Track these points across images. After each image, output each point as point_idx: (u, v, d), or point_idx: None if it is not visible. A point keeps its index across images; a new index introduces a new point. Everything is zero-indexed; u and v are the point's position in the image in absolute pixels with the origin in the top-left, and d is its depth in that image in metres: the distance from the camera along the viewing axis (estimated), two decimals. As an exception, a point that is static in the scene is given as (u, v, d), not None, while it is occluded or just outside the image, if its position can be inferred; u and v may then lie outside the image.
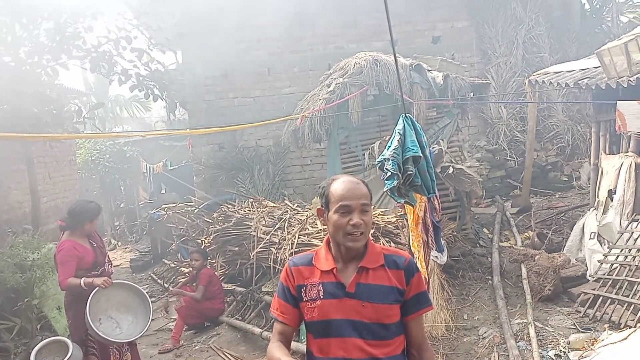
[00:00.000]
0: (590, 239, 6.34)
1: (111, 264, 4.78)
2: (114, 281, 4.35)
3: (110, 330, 4.40)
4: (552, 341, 4.84)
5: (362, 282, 1.97)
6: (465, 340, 5.13)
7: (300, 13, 9.43)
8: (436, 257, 4.89)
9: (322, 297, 1.98)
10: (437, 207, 4.77)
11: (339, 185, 1.99)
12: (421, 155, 3.62)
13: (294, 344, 4.90)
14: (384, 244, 5.11)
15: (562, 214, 8.32)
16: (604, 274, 5.52)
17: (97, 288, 4.18)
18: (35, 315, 5.96)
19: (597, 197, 6.54)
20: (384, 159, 3.59)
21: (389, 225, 5.53)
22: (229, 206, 7.91)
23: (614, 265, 5.52)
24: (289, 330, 2.09)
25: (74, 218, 4.38)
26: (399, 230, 5.50)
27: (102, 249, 4.58)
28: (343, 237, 1.96)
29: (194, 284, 6.59)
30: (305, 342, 2.14)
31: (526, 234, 7.81)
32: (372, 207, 2.07)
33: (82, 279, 4.20)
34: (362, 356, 1.94)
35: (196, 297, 6.30)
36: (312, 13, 9.53)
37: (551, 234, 7.37)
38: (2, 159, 8.11)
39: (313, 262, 2.05)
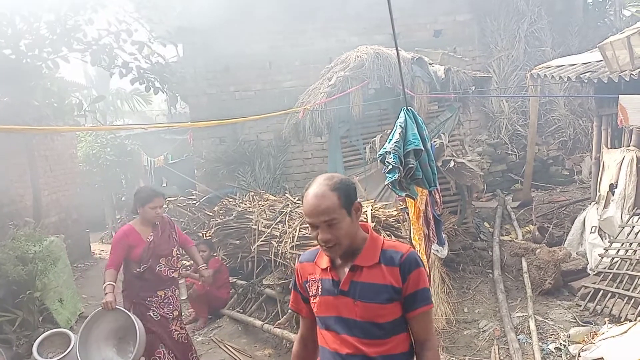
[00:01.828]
0: (591, 232, 6.35)
1: (175, 269, 4.38)
2: (117, 307, 4.00)
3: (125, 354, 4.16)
4: (552, 334, 4.85)
5: (355, 280, 1.95)
6: (465, 333, 5.14)
7: (302, 6, 9.39)
8: (437, 250, 4.89)
9: (320, 293, 2.01)
10: (438, 200, 4.78)
11: (305, 200, 1.93)
12: (422, 148, 3.61)
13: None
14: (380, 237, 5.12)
15: (563, 208, 8.32)
16: (604, 268, 5.52)
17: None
18: (37, 307, 6.00)
19: (598, 191, 6.53)
20: (385, 152, 3.58)
21: (390, 219, 5.53)
22: (230, 200, 7.91)
23: (615, 259, 5.53)
24: (304, 322, 2.20)
25: (133, 201, 4.30)
26: (400, 224, 5.50)
27: (157, 246, 4.22)
28: (321, 247, 1.97)
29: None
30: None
31: (527, 227, 7.81)
32: (349, 209, 1.94)
33: (106, 283, 4.02)
34: (352, 352, 1.94)
35: (208, 280, 6.38)
36: (313, 6, 9.49)
37: (552, 228, 7.36)
38: (3, 152, 8.10)
39: (316, 259, 2.07)
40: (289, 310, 5.19)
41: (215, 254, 6.86)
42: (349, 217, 1.92)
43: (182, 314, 6.75)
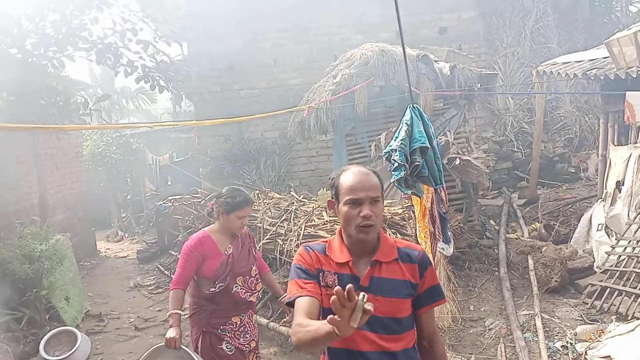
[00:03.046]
0: (597, 230, 6.31)
1: (252, 292, 3.48)
2: (184, 348, 3.17)
3: None
4: (559, 332, 4.83)
5: (375, 275, 1.95)
6: (471, 331, 5.13)
7: (306, 4, 9.38)
8: (443, 248, 4.88)
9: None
10: (444, 198, 4.77)
11: (349, 176, 1.96)
12: (428, 146, 3.60)
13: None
14: (390, 236, 5.11)
15: (570, 206, 8.28)
16: (611, 266, 5.49)
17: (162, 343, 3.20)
18: (44, 305, 6.03)
19: (605, 189, 6.50)
20: (391, 149, 3.57)
21: (396, 217, 5.52)
22: (235, 198, 7.91)
23: (622, 257, 5.50)
24: (316, 305, 1.89)
25: (216, 204, 3.43)
26: (405, 222, 5.49)
27: (236, 261, 3.40)
28: (354, 229, 1.93)
29: None
30: None
31: (533, 225, 7.78)
32: (383, 196, 2.04)
33: (172, 311, 3.24)
34: (373, 349, 1.92)
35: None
36: (317, 4, 9.48)
37: (558, 226, 7.34)
38: (9, 151, 8.14)
39: (327, 252, 2.03)
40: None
41: None
42: (382, 204, 2.01)
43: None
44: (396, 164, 3.53)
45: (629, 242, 5.58)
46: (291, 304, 1.94)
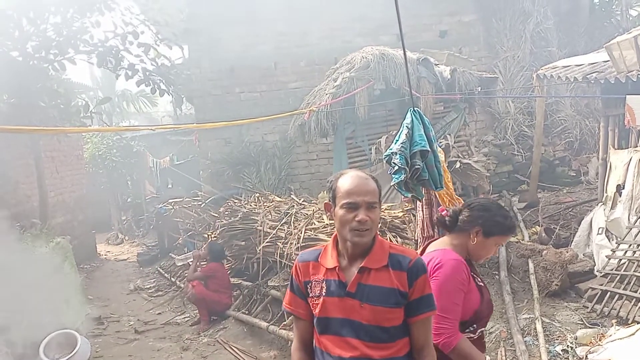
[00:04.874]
0: (598, 234, 6.30)
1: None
2: None
3: None
4: (559, 336, 4.82)
5: (363, 282, 1.93)
6: (471, 335, 5.11)
7: (307, 7, 9.40)
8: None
9: (324, 294, 1.96)
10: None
11: (346, 180, 1.94)
12: (429, 149, 3.60)
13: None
14: (390, 239, 5.11)
15: (570, 209, 8.27)
16: (611, 270, 5.48)
17: None
18: (44, 308, 6.01)
19: (606, 192, 6.49)
20: (391, 153, 3.58)
21: (396, 220, 5.52)
22: (236, 201, 7.93)
23: (622, 261, 5.49)
24: (305, 325, 2.09)
25: (471, 218, 2.35)
26: (405, 225, 5.49)
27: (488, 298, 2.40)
28: (349, 233, 1.91)
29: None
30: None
31: (533, 229, 7.77)
32: (381, 201, 2.03)
33: None
34: (357, 355, 1.91)
35: (189, 275, 6.60)
36: (318, 7, 9.50)
37: (559, 229, 7.32)
38: (10, 153, 8.16)
39: (319, 259, 2.03)
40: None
41: (205, 261, 6.79)
42: (379, 210, 1.98)
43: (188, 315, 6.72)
44: (396, 167, 3.54)
45: (630, 245, 5.57)
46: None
